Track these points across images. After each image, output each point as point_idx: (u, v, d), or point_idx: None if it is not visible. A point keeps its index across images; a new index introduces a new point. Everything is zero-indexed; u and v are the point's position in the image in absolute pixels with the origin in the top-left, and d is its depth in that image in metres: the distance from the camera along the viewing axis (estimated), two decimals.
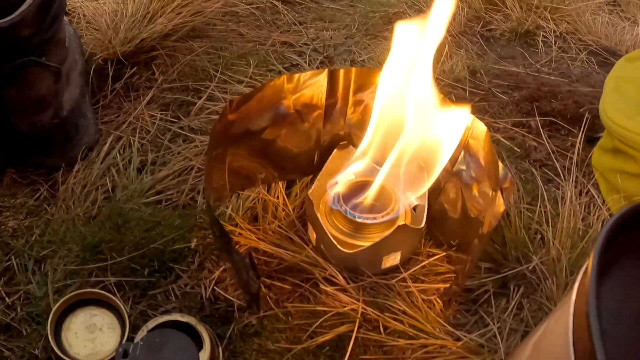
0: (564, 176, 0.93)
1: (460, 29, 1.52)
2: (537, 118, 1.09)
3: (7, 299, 0.71)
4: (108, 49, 1.10)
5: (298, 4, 1.55)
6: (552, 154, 1.00)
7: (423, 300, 0.65)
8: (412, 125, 0.63)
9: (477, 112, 1.10)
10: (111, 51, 1.09)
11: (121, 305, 0.65)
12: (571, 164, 0.98)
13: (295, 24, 1.40)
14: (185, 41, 1.16)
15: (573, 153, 1.00)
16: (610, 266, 0.39)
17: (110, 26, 1.15)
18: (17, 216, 0.84)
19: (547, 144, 1.02)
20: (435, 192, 0.71)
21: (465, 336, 0.62)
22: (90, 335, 0.64)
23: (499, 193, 0.54)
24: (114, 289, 0.69)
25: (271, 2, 1.47)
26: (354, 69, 0.69)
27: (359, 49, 1.29)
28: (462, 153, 0.64)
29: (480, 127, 0.60)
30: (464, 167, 0.64)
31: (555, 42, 1.53)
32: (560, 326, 0.38)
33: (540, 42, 1.50)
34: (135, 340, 0.60)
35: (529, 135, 1.04)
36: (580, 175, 0.96)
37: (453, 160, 0.66)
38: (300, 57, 1.21)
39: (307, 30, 1.38)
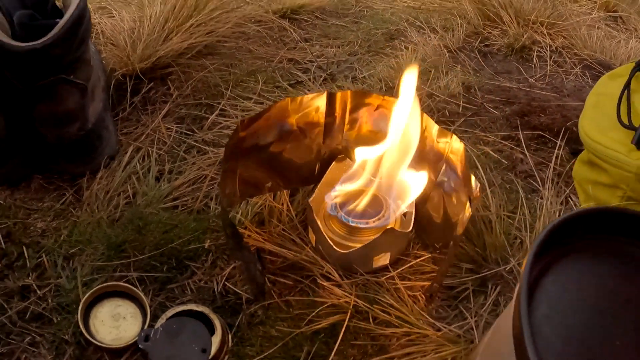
0: (546, 186, 1.02)
1: (458, 45, 1.61)
2: (526, 132, 1.18)
3: (38, 291, 0.81)
4: (127, 66, 1.20)
5: (304, 21, 1.66)
6: (536, 166, 1.09)
7: (409, 295, 0.75)
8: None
9: (469, 126, 1.19)
10: (130, 67, 1.20)
11: (143, 297, 0.74)
12: (556, 174, 1.08)
13: (301, 41, 1.50)
14: (198, 58, 1.27)
15: (557, 164, 1.09)
16: (550, 266, 0.49)
17: (128, 43, 1.26)
18: (44, 218, 0.94)
19: (533, 157, 1.11)
20: (422, 200, 0.81)
21: (445, 327, 0.72)
22: (115, 323, 0.74)
23: (468, 201, 0.64)
24: (136, 283, 0.78)
25: (279, 20, 1.58)
26: (349, 92, 0.78)
27: (360, 65, 1.39)
28: (444, 166, 0.74)
29: (458, 144, 0.69)
30: (445, 179, 0.74)
31: (550, 57, 1.61)
32: (510, 311, 0.48)
33: (535, 57, 1.59)
34: (156, 327, 0.70)
35: (517, 148, 1.13)
36: (563, 185, 1.05)
37: (437, 172, 0.76)
38: (305, 74, 1.31)
39: (312, 47, 1.48)
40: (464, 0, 1.79)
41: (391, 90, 1.27)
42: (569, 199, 1.00)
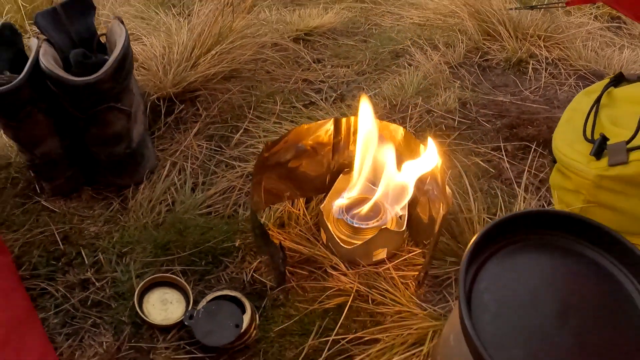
0: (526, 191, 1.20)
1: (460, 61, 1.80)
2: (513, 143, 1.36)
3: (97, 283, 1.01)
4: (161, 90, 1.42)
5: (317, 42, 1.86)
6: (520, 174, 1.26)
7: (402, 282, 0.94)
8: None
9: (463, 139, 1.38)
10: (164, 92, 1.41)
11: (186, 285, 0.95)
12: (538, 181, 1.26)
13: (314, 62, 1.71)
14: (222, 82, 1.48)
15: (540, 172, 1.27)
16: (493, 254, 0.68)
17: (160, 69, 1.47)
18: (96, 224, 1.15)
19: (518, 165, 1.30)
20: (413, 204, 1.00)
21: (430, 308, 0.91)
22: (163, 307, 0.94)
23: (442, 205, 0.83)
24: (180, 275, 0.99)
25: (293, 42, 1.79)
26: (352, 118, 0.98)
27: (367, 84, 1.59)
28: (429, 178, 0.93)
29: (438, 159, 0.89)
30: (430, 187, 0.93)
31: (546, 69, 1.78)
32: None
33: (530, 70, 1.76)
34: (198, 308, 0.90)
35: (504, 158, 1.31)
36: (544, 190, 1.23)
37: (424, 182, 0.96)
38: (317, 94, 1.51)
39: (325, 67, 1.69)
40: (465, 17, 1.98)
41: (394, 107, 1.46)
42: (547, 203, 1.18)
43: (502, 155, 1.32)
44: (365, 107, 0.92)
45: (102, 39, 1.28)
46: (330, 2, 2.36)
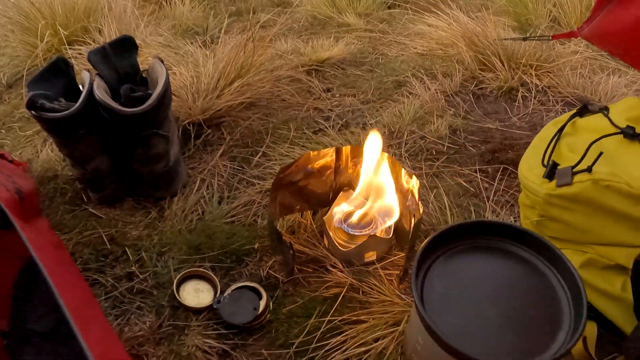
0: (502, 208, 1.46)
1: (456, 89, 2.06)
2: (494, 166, 1.62)
3: (140, 275, 1.28)
4: (191, 116, 1.70)
5: (327, 72, 2.15)
6: (496, 193, 1.52)
7: (387, 279, 1.20)
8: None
9: (450, 162, 1.63)
10: (193, 118, 1.70)
11: (215, 278, 1.22)
12: (512, 199, 1.51)
13: (324, 92, 2.00)
14: (244, 111, 1.77)
15: (513, 191, 1.52)
16: (430, 266, 0.94)
17: (189, 97, 1.76)
18: (137, 228, 1.43)
19: (496, 186, 1.55)
20: (405, 218, 1.27)
21: (407, 298, 1.16)
22: (196, 294, 1.21)
23: (414, 216, 1.10)
24: (209, 270, 1.26)
25: (306, 73, 2.07)
26: (350, 147, 1.25)
27: (370, 113, 1.86)
28: (409, 195, 1.20)
29: (415, 182, 1.15)
30: (410, 203, 1.20)
31: (535, 96, 2.03)
32: None
33: (520, 97, 2.01)
34: (224, 295, 1.17)
35: (485, 179, 1.57)
36: (517, 207, 1.48)
37: (406, 199, 1.22)
38: (326, 121, 1.79)
39: (334, 97, 1.97)
40: (462, 48, 2.24)
41: (392, 133, 1.74)
42: (516, 217, 1.44)
43: (483, 177, 1.57)
44: (375, 141, 1.20)
45: (144, 74, 1.57)
46: (342, 32, 2.66)
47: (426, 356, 0.89)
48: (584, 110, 1.43)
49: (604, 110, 1.36)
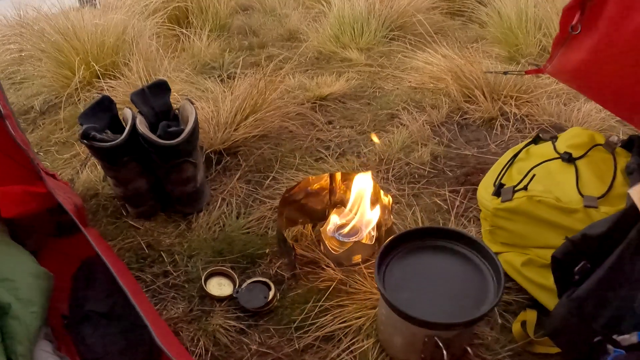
0: (471, 222, 1.84)
1: (442, 120, 2.45)
2: (466, 187, 1.99)
3: (174, 273, 1.67)
4: (212, 146, 2.11)
5: (329, 106, 2.56)
6: (466, 210, 1.90)
7: (369, 276, 1.58)
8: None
9: (429, 184, 2.01)
10: (214, 147, 2.11)
11: (234, 275, 1.61)
12: (478, 213, 1.88)
13: (326, 124, 2.40)
14: (257, 141, 2.18)
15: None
16: (391, 260, 1.33)
17: (210, 129, 2.17)
18: (170, 237, 1.82)
19: (467, 203, 1.93)
20: (379, 226, 1.66)
21: None
22: (219, 287, 1.59)
23: (384, 229, 1.50)
24: (230, 269, 1.65)
25: (311, 108, 2.48)
26: (341, 173, 1.65)
27: (365, 143, 2.25)
28: (387, 210, 1.59)
29: (389, 199, 1.55)
30: (387, 217, 1.59)
31: (513, 124, 2.39)
32: None
33: (499, 125, 2.38)
34: (242, 287, 1.56)
35: (457, 198, 1.95)
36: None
37: (385, 213, 1.62)
38: (326, 150, 2.19)
39: (334, 128, 2.37)
40: (449, 82, 2.63)
41: (382, 160, 2.13)
42: (479, 230, 1.82)
43: (455, 197, 1.96)
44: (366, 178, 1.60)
45: (176, 111, 1.99)
46: (344, 66, 3.07)
47: (387, 323, 1.28)
48: (538, 139, 1.81)
49: (554, 138, 1.75)
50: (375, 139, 2.26)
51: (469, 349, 1.31)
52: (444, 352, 1.18)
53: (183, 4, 3.75)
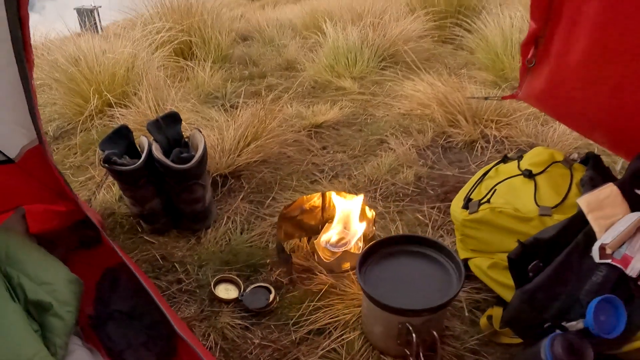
0: (448, 235, 2.13)
1: (428, 143, 2.76)
2: (446, 203, 2.29)
3: (186, 281, 1.96)
4: (218, 170, 2.42)
5: (324, 132, 2.87)
6: (445, 224, 2.19)
7: (356, 281, 1.87)
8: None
9: (412, 202, 2.31)
10: (220, 171, 2.42)
11: (239, 281, 1.90)
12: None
13: (321, 149, 2.71)
14: (258, 166, 2.49)
15: None
16: (371, 262, 1.63)
17: (216, 155, 2.48)
18: (182, 251, 2.12)
19: (446, 218, 2.23)
20: (366, 238, 1.96)
21: None
22: (226, 291, 1.88)
23: (369, 239, 1.80)
24: (236, 277, 1.94)
25: (307, 135, 2.80)
26: (331, 193, 1.96)
27: (355, 167, 2.55)
28: (371, 223, 1.89)
29: (372, 214, 1.85)
30: (371, 229, 1.89)
31: (493, 146, 2.69)
32: None
33: (479, 147, 2.67)
34: (246, 291, 1.86)
35: (437, 214, 2.25)
36: None
37: (370, 226, 1.92)
38: (320, 173, 2.49)
39: (328, 153, 2.68)
40: (435, 108, 2.95)
41: (371, 182, 2.43)
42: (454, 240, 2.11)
43: (436, 212, 2.25)
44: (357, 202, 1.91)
45: (186, 139, 2.30)
46: (339, 95, 3.40)
47: (368, 315, 1.58)
48: (506, 158, 2.11)
49: (519, 158, 2.04)
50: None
51: (436, 334, 1.59)
52: (414, 335, 1.47)
53: (187, 38, 4.10)
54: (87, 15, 9.40)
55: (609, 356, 1.43)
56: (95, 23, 8.85)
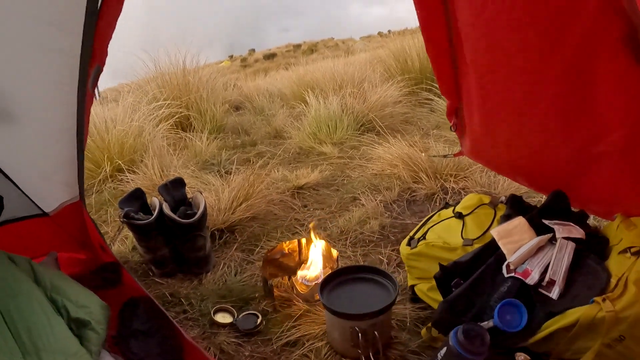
0: (402, 269, 2.80)
1: (395, 198, 3.46)
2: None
3: (191, 311, 2.61)
4: (215, 225, 3.13)
5: (305, 193, 3.58)
6: (400, 261, 2.87)
7: None
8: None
9: (376, 246, 2.99)
10: (217, 226, 3.12)
11: (233, 311, 2.56)
12: None
13: (302, 207, 3.41)
14: (249, 221, 3.19)
15: None
16: (331, 285, 2.32)
17: (214, 213, 3.19)
18: (186, 289, 2.79)
19: (401, 257, 2.89)
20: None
21: None
22: (224, 318, 2.51)
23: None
24: (231, 307, 2.61)
25: (290, 196, 3.50)
26: (305, 239, 2.65)
27: (330, 221, 3.24)
28: (336, 261, 2.57)
29: (336, 253, 2.53)
30: (335, 265, 2.57)
31: (451, 197, 3.37)
32: None
33: (439, 199, 3.37)
34: (239, 317, 2.53)
35: (396, 254, 2.91)
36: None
37: (334, 262, 2.60)
38: (301, 227, 3.19)
39: (309, 210, 3.38)
40: (401, 169, 3.65)
41: (342, 232, 3.12)
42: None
43: (395, 253, 2.93)
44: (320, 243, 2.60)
45: (190, 200, 3.01)
46: (320, 159, 4.11)
47: (329, 324, 2.23)
48: (447, 205, 2.79)
49: (456, 204, 2.72)
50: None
51: (377, 334, 2.24)
52: (359, 336, 2.13)
53: (185, 112, 4.85)
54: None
55: (521, 348, 1.95)
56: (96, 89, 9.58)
